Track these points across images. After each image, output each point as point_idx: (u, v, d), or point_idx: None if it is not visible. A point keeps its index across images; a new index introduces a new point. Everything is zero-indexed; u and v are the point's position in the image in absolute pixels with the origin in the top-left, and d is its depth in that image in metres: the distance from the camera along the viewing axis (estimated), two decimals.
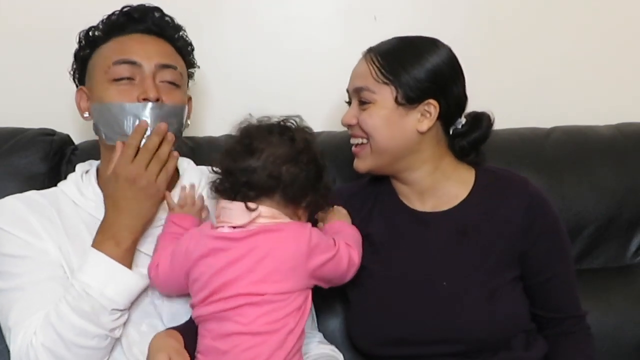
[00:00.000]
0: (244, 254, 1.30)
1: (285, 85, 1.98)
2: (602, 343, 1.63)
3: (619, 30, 2.04)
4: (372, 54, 1.50)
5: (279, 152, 1.33)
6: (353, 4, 1.99)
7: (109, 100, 1.44)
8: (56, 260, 1.41)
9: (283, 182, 1.32)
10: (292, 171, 1.33)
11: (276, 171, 1.32)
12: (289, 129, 1.38)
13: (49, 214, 1.46)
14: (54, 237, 1.42)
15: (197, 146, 1.75)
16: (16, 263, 1.40)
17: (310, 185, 1.35)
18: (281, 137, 1.36)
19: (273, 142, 1.34)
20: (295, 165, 1.33)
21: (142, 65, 1.46)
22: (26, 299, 1.37)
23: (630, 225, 1.83)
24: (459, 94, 1.50)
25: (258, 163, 1.33)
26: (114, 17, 1.53)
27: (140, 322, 1.42)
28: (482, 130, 1.52)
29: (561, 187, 1.77)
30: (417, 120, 1.47)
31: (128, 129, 1.42)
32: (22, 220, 1.43)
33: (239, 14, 1.97)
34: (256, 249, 1.30)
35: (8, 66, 1.93)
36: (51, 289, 1.37)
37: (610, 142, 1.86)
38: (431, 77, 1.46)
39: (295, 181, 1.33)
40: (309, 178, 1.35)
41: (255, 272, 1.29)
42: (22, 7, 1.92)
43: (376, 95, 1.47)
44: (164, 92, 1.46)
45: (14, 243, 1.41)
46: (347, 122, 1.52)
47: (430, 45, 1.49)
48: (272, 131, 1.37)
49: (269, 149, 1.33)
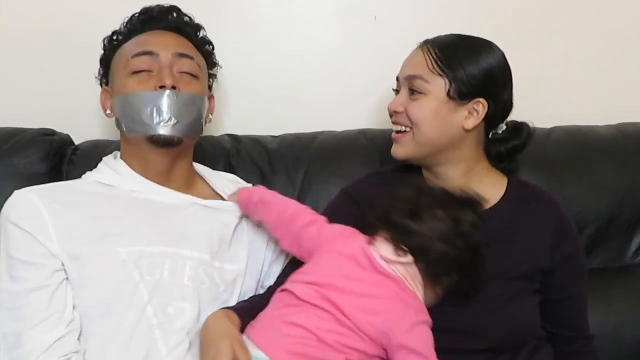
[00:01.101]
0: (368, 281, 1.31)
1: (285, 85, 1.98)
2: (602, 343, 1.63)
3: (619, 31, 2.04)
4: (429, 45, 1.50)
5: (438, 227, 1.32)
6: (353, 4, 1.99)
7: (128, 91, 1.49)
8: (59, 264, 1.41)
9: (431, 257, 1.31)
10: (442, 249, 1.31)
11: (426, 245, 1.32)
12: (456, 209, 1.35)
13: (67, 206, 1.45)
14: (68, 230, 1.42)
15: (197, 146, 1.75)
16: (24, 268, 1.40)
17: (458, 268, 1.33)
18: (448, 213, 1.33)
19: (439, 217, 1.33)
20: (448, 244, 1.31)
21: (159, 55, 1.50)
22: (32, 305, 1.38)
23: (630, 225, 1.83)
24: (506, 99, 1.52)
25: (416, 228, 1.32)
26: (134, 19, 1.58)
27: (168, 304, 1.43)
28: (521, 139, 1.55)
29: (561, 187, 1.77)
30: (464, 117, 1.47)
31: (146, 118, 1.46)
32: (35, 217, 1.42)
33: (239, 14, 1.97)
34: (379, 287, 1.31)
35: (8, 66, 1.93)
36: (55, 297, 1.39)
37: (610, 142, 1.86)
38: (485, 76, 1.47)
39: (443, 260, 1.32)
40: (458, 261, 1.32)
41: (363, 301, 1.29)
42: (22, 8, 1.92)
43: (429, 85, 1.47)
44: (182, 82, 1.50)
45: (23, 244, 1.41)
46: (394, 109, 1.52)
47: (487, 46, 1.51)
48: (441, 205, 1.35)
49: (429, 221, 1.33)
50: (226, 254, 1.51)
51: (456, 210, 1.34)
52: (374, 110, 1.95)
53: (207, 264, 1.47)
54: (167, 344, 1.39)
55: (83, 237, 1.42)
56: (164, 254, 1.44)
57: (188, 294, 1.43)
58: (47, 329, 1.37)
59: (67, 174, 1.73)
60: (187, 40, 1.58)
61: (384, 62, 1.95)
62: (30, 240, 1.41)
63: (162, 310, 1.41)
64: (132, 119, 1.49)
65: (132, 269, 1.41)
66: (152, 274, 1.42)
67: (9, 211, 1.45)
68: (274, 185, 1.74)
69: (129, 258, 1.42)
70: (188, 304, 1.42)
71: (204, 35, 1.62)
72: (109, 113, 1.57)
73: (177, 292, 1.42)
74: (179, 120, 1.48)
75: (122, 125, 1.52)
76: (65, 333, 1.38)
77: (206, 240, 1.48)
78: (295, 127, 1.91)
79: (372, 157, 1.80)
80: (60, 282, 1.41)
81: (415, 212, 1.34)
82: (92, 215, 1.45)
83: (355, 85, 1.99)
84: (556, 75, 2.02)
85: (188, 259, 1.45)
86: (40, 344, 1.36)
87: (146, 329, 1.39)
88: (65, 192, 1.49)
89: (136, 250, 1.43)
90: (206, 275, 1.46)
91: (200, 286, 1.45)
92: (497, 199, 1.52)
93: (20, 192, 1.47)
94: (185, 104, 1.48)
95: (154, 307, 1.40)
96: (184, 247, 1.46)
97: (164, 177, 1.54)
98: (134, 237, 1.44)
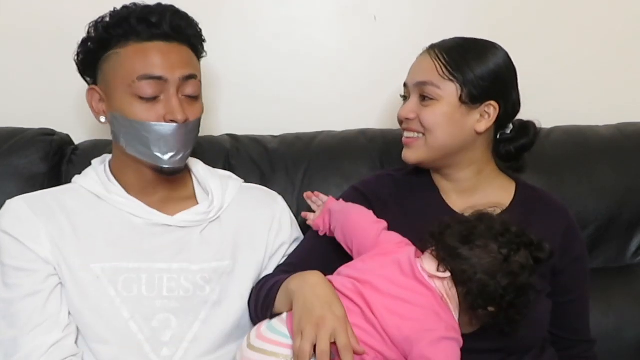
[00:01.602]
0: (406, 287, 1.31)
1: (285, 85, 1.98)
2: (602, 343, 1.63)
3: (619, 31, 2.04)
4: (437, 50, 1.49)
5: (484, 260, 1.30)
6: (353, 4, 1.99)
7: (134, 117, 1.43)
8: (52, 269, 1.42)
9: (470, 285, 1.30)
10: (483, 281, 1.29)
11: (469, 273, 1.29)
12: (511, 246, 1.32)
13: (56, 215, 1.46)
14: (55, 239, 1.43)
15: (197, 146, 1.75)
16: (17, 275, 1.41)
17: (497, 304, 1.30)
18: (500, 248, 1.31)
19: (490, 250, 1.31)
20: (491, 279, 1.29)
21: (168, 80, 1.43)
22: (26, 311, 1.39)
23: (630, 225, 1.83)
24: (515, 99, 1.52)
25: (464, 253, 1.31)
26: (131, 20, 1.45)
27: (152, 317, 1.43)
28: (529, 138, 1.55)
29: (561, 187, 1.77)
30: (476, 120, 1.48)
31: (154, 149, 1.43)
32: (25, 224, 1.44)
33: (238, 15, 1.97)
34: (415, 294, 1.30)
35: (8, 66, 1.93)
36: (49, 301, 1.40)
37: (610, 142, 1.86)
38: (494, 78, 1.47)
39: (482, 292, 1.29)
40: (498, 297, 1.29)
41: (395, 304, 1.29)
42: (22, 8, 1.92)
43: (441, 91, 1.46)
44: (187, 107, 1.45)
45: (14, 251, 1.42)
46: (405, 116, 1.51)
47: (493, 47, 1.51)
48: (497, 238, 1.32)
49: (478, 251, 1.31)
50: (203, 255, 1.49)
51: (510, 247, 1.31)
52: (374, 110, 1.95)
53: (187, 271, 1.46)
54: (160, 357, 1.40)
55: (64, 250, 1.43)
56: (138, 269, 1.44)
57: (170, 305, 1.43)
58: (43, 333, 1.38)
59: (67, 174, 1.72)
60: (187, 48, 1.49)
61: (384, 62, 1.97)
62: (22, 248, 1.42)
63: (147, 325, 1.42)
64: (136, 143, 1.45)
65: (107, 285, 1.42)
66: (129, 290, 1.43)
67: (1, 220, 1.45)
68: (273, 185, 1.74)
69: (103, 274, 1.43)
70: (173, 315, 1.43)
71: (199, 32, 1.54)
72: (104, 121, 1.51)
73: (159, 305, 1.43)
74: (185, 150, 1.47)
75: (121, 141, 1.47)
76: (62, 337, 1.38)
77: (179, 250, 1.48)
78: (295, 127, 1.91)
79: (372, 157, 1.80)
80: (55, 287, 1.42)
81: (467, 238, 1.32)
82: (73, 228, 1.45)
83: (356, 85, 1.99)
84: (556, 75, 2.02)
85: (165, 271, 1.45)
86: (37, 348, 1.37)
87: (134, 344, 1.41)
88: (53, 201, 1.49)
89: (110, 266, 1.43)
90: (189, 282, 1.46)
91: (184, 295, 1.45)
92: (508, 202, 1.53)
93: (11, 201, 1.49)
94: (192, 132, 1.47)
95: (137, 323, 1.41)
96: (158, 261, 1.46)
97: (157, 184, 1.52)
98: (107, 254, 1.44)
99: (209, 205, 1.54)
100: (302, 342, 1.20)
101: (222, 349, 1.46)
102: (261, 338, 1.31)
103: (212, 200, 1.54)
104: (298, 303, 1.27)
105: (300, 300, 1.27)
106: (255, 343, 1.31)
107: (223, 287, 1.48)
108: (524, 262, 1.31)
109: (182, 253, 1.48)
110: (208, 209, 1.53)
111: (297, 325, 1.24)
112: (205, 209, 1.53)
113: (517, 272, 1.29)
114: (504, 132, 1.54)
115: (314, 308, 1.24)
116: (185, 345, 1.42)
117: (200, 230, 1.51)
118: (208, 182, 1.57)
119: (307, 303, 1.26)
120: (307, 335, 1.21)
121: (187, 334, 1.43)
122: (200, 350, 1.43)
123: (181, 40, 1.49)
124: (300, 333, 1.22)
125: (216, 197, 1.55)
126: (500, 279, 1.28)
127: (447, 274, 1.31)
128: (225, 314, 1.47)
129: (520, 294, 1.30)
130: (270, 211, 1.59)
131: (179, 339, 1.42)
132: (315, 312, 1.23)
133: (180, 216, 1.51)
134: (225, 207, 1.56)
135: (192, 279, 1.46)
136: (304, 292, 1.28)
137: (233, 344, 1.46)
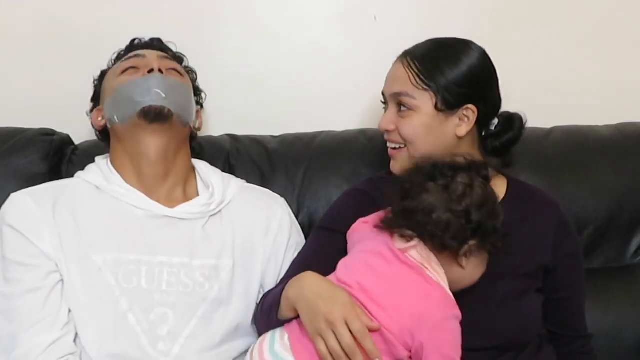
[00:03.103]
0: (394, 276, 1.30)
1: (285, 85, 1.98)
2: (602, 343, 1.63)
3: (619, 31, 2.04)
4: (409, 58, 1.49)
5: (430, 200, 1.30)
6: (353, 4, 1.99)
7: (119, 84, 1.54)
8: (54, 266, 1.42)
9: (434, 231, 1.29)
10: (438, 219, 1.29)
11: (424, 220, 1.29)
12: (446, 176, 1.32)
13: (59, 208, 1.47)
14: (59, 232, 1.44)
15: (197, 146, 1.75)
16: (18, 270, 1.41)
17: (470, 231, 1.29)
18: (436, 184, 1.32)
19: (429, 189, 1.31)
20: (444, 212, 1.29)
21: (146, 56, 1.58)
22: (26, 307, 1.39)
23: (630, 225, 1.83)
24: (495, 97, 1.51)
25: (410, 206, 1.31)
26: (121, 52, 1.67)
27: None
28: (514, 131, 1.53)
29: (561, 187, 1.77)
30: (455, 125, 1.47)
31: (137, 97, 1.50)
32: (30, 219, 1.44)
33: (239, 14, 1.97)
34: (400, 280, 1.29)
35: (8, 66, 1.93)
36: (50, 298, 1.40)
37: (610, 142, 1.86)
38: (469, 81, 1.46)
39: (447, 230, 1.29)
40: (464, 224, 1.29)
41: (388, 300, 1.28)
42: (22, 8, 1.92)
43: (416, 101, 1.46)
44: (167, 72, 1.55)
45: (18, 245, 1.42)
46: (385, 127, 1.52)
47: (466, 47, 1.50)
48: (430, 177, 1.33)
49: (420, 196, 1.31)
50: (204, 251, 1.49)
51: (446, 178, 1.31)
52: (374, 110, 1.94)
53: (187, 266, 1.47)
54: (156, 351, 1.40)
55: (67, 241, 1.44)
56: (139, 261, 1.45)
57: (168, 299, 1.44)
58: (42, 331, 1.38)
59: (66, 174, 1.72)
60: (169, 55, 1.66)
61: (384, 62, 1.95)
62: (25, 242, 1.42)
63: (145, 317, 1.42)
64: (123, 106, 1.51)
65: (108, 276, 1.43)
66: (129, 281, 1.43)
67: (4, 214, 1.46)
68: (273, 185, 1.74)
69: (105, 265, 1.43)
70: (170, 310, 1.43)
71: (186, 64, 1.70)
72: (101, 123, 1.60)
73: (157, 298, 1.43)
74: (168, 96, 1.51)
75: (115, 117, 1.53)
76: (62, 335, 1.38)
77: (181, 245, 1.48)
78: (295, 127, 1.91)
79: (372, 157, 1.80)
80: (56, 284, 1.42)
81: (407, 192, 1.33)
82: (75, 220, 1.46)
83: (356, 85, 1.99)
84: (556, 75, 2.02)
85: (165, 265, 1.46)
86: (36, 346, 1.36)
87: (131, 336, 1.41)
88: (56, 194, 1.50)
89: (111, 257, 1.44)
90: (188, 278, 1.46)
91: (184, 290, 1.45)
92: (500, 199, 1.51)
93: (16, 195, 1.49)
94: (174, 86, 1.54)
95: (136, 315, 1.42)
96: (159, 254, 1.46)
97: (157, 179, 1.53)
98: (108, 245, 1.45)
99: (210, 197, 1.54)
100: (328, 343, 1.22)
101: (220, 347, 1.45)
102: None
103: (213, 193, 1.55)
104: (302, 308, 1.27)
105: (303, 304, 1.27)
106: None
107: (222, 285, 1.48)
108: (465, 181, 1.31)
109: (184, 247, 1.48)
110: (209, 201, 1.53)
111: (311, 329, 1.24)
112: (206, 200, 1.54)
113: (464, 192, 1.29)
114: (489, 128, 1.53)
115: (319, 306, 1.24)
116: (181, 341, 1.42)
117: (202, 225, 1.51)
118: (210, 177, 1.59)
119: (311, 304, 1.26)
120: (327, 335, 1.22)
121: (183, 330, 1.43)
122: (197, 346, 1.43)
123: (163, 51, 1.66)
124: (318, 336, 1.23)
125: (217, 191, 1.55)
126: (455, 207, 1.28)
127: (414, 239, 1.30)
128: (223, 313, 1.47)
129: (484, 212, 1.29)
130: (270, 212, 1.59)
131: (176, 334, 1.42)
132: (322, 309, 1.23)
133: (180, 208, 1.51)
134: (227, 202, 1.56)
135: (192, 275, 1.46)
136: (304, 295, 1.28)
137: (232, 342, 1.47)
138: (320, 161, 1.80)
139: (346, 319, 1.21)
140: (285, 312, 1.32)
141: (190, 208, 1.52)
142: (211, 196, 1.55)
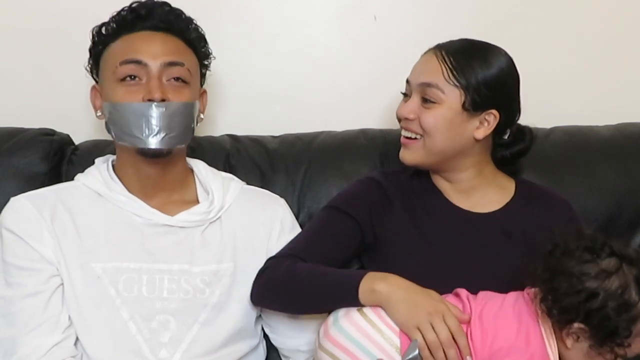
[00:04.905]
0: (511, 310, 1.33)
1: (284, 85, 1.98)
2: None
3: (619, 31, 2.04)
4: (443, 52, 1.48)
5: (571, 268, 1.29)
6: (353, 4, 1.99)
7: (116, 100, 1.45)
8: (55, 270, 1.42)
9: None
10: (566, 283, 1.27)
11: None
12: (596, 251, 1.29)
13: (59, 213, 1.46)
14: (58, 238, 1.44)
15: (197, 146, 1.75)
16: (19, 274, 1.41)
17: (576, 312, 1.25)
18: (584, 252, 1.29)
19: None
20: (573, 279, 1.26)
21: (148, 65, 1.46)
22: (27, 311, 1.39)
23: (630, 225, 1.83)
24: (516, 107, 1.53)
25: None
26: (122, 13, 1.52)
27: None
28: (525, 143, 1.57)
29: (561, 187, 1.77)
30: (475, 127, 1.48)
31: (136, 131, 1.43)
32: (30, 223, 1.44)
33: (238, 14, 1.97)
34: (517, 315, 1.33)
35: (8, 66, 1.93)
36: (51, 302, 1.40)
37: (610, 142, 1.86)
38: (497, 86, 1.47)
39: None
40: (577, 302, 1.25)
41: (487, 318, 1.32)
42: (22, 8, 1.92)
43: (444, 95, 1.46)
44: (171, 91, 1.46)
45: (18, 249, 1.42)
46: (405, 116, 1.50)
47: (498, 53, 1.51)
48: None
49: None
50: (204, 257, 1.49)
51: (593, 252, 1.29)
52: (374, 110, 1.94)
53: (187, 273, 1.47)
54: (158, 358, 1.40)
55: (67, 247, 1.43)
56: (139, 270, 1.45)
57: (170, 307, 1.44)
58: (43, 334, 1.38)
59: (66, 174, 1.72)
60: (178, 40, 1.52)
61: (384, 62, 1.97)
62: (26, 246, 1.42)
63: (146, 326, 1.42)
64: (121, 129, 1.45)
65: (107, 285, 1.43)
66: (129, 290, 1.43)
67: (4, 218, 1.46)
68: (273, 185, 1.74)
69: (104, 274, 1.43)
70: (172, 317, 1.43)
71: (196, 29, 1.57)
72: (100, 115, 1.53)
73: (158, 306, 1.43)
74: (168, 132, 1.43)
75: (112, 131, 1.49)
76: (63, 338, 1.39)
77: (181, 252, 1.48)
78: (296, 127, 1.91)
79: (372, 157, 1.80)
80: (56, 288, 1.42)
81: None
82: (76, 226, 1.46)
83: (356, 86, 1.99)
84: (556, 75, 2.02)
85: (166, 272, 1.45)
86: (37, 349, 1.37)
87: (132, 345, 1.41)
88: (56, 199, 1.49)
89: (111, 266, 1.44)
90: (189, 285, 1.46)
91: (185, 297, 1.45)
92: (509, 198, 1.54)
93: (16, 199, 1.49)
94: (175, 115, 1.44)
95: (137, 324, 1.42)
96: (159, 262, 1.46)
97: (157, 184, 1.52)
98: (108, 253, 1.44)
99: (209, 205, 1.53)
100: (427, 335, 1.27)
101: (221, 351, 1.46)
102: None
103: (213, 200, 1.54)
104: (397, 301, 1.31)
105: (397, 298, 1.31)
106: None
107: (223, 290, 1.48)
108: (607, 268, 1.25)
109: (183, 254, 1.48)
110: (208, 209, 1.53)
111: (410, 322, 1.30)
112: (205, 208, 1.53)
113: (600, 275, 1.25)
114: (502, 137, 1.54)
115: (417, 301, 1.31)
116: (183, 347, 1.42)
117: (201, 231, 1.51)
118: (209, 182, 1.57)
119: (408, 299, 1.31)
120: (426, 328, 1.28)
121: (185, 335, 1.43)
122: (198, 352, 1.43)
123: (171, 32, 1.52)
124: (416, 329, 1.28)
125: (217, 197, 1.54)
126: (586, 281, 1.24)
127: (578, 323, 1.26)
128: (225, 317, 1.47)
129: (607, 301, 1.23)
130: (272, 213, 1.59)
131: (178, 341, 1.42)
132: (420, 303, 1.30)
133: (180, 216, 1.51)
134: (226, 207, 1.55)
135: (192, 281, 1.46)
136: (397, 291, 1.32)
137: (233, 346, 1.47)
138: (320, 161, 1.80)
139: (443, 315, 1.28)
140: (366, 301, 1.34)
141: (189, 216, 1.51)
142: (211, 203, 1.53)
